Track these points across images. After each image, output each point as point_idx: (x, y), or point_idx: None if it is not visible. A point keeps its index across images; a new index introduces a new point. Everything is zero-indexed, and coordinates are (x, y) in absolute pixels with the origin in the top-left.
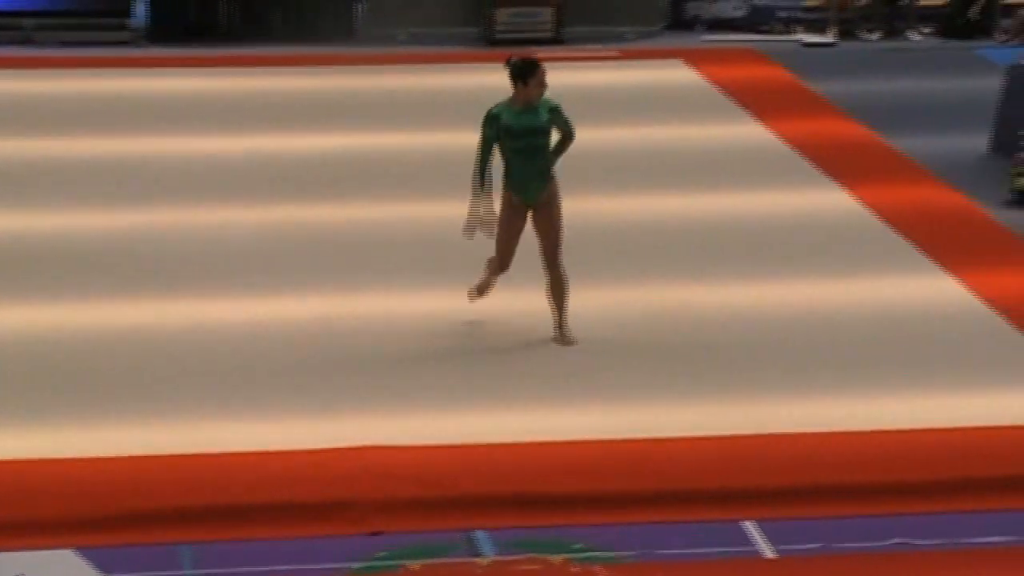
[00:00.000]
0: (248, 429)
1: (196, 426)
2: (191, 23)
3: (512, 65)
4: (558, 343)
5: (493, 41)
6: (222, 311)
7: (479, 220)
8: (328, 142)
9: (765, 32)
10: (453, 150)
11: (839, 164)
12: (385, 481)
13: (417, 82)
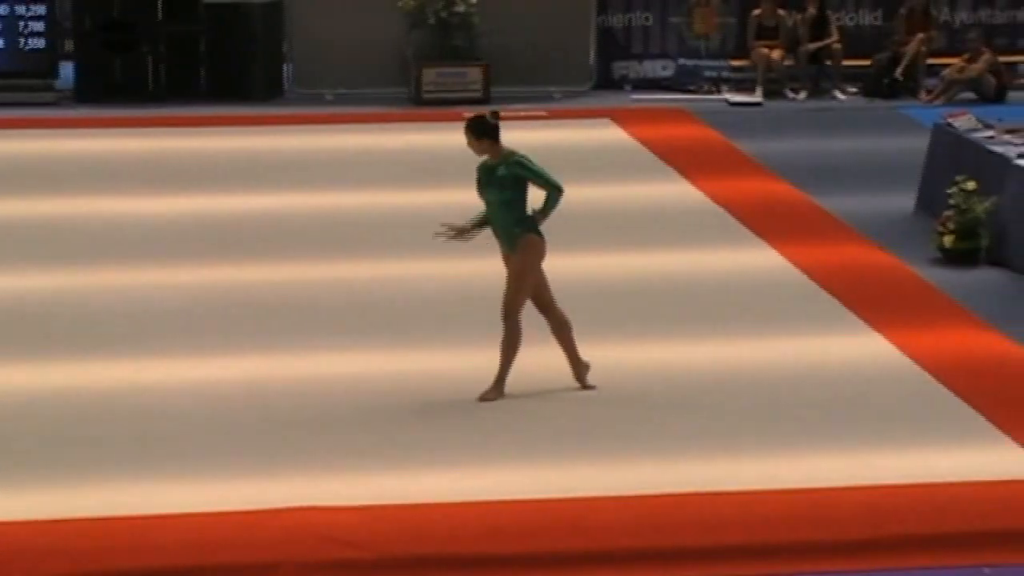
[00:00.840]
0: (175, 491)
1: (121, 489)
2: (117, 84)
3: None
4: (486, 399)
5: (421, 101)
6: (146, 373)
7: (456, 228)
8: (255, 203)
9: (692, 92)
10: (380, 210)
11: (767, 223)
12: (315, 543)
13: (345, 142)
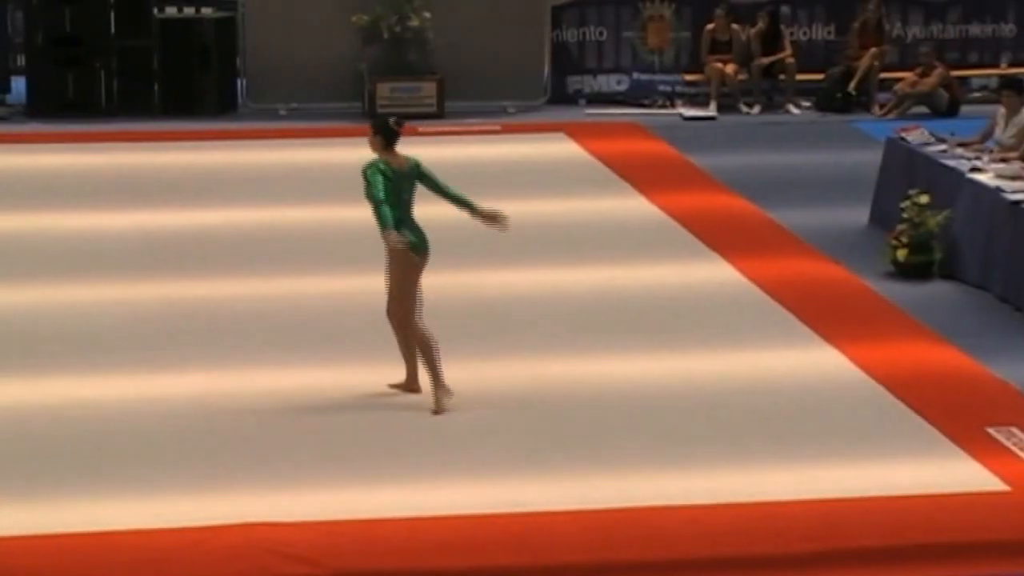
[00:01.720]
0: (122, 508)
1: (66, 506)
2: (70, 99)
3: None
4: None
5: (375, 116)
6: (91, 388)
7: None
8: (208, 217)
9: (646, 106)
10: (333, 225)
11: (721, 237)
12: (266, 559)
13: (298, 157)
